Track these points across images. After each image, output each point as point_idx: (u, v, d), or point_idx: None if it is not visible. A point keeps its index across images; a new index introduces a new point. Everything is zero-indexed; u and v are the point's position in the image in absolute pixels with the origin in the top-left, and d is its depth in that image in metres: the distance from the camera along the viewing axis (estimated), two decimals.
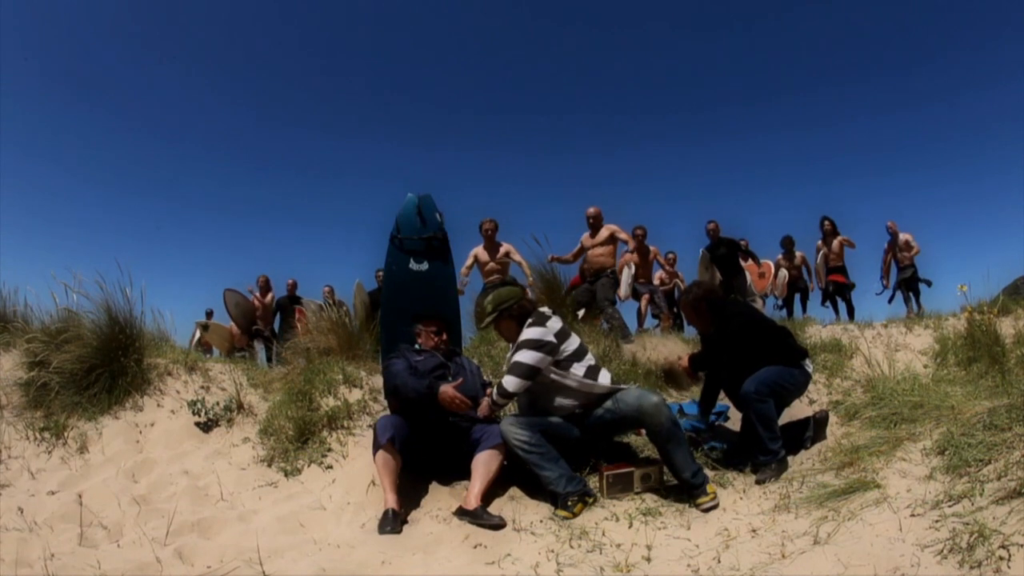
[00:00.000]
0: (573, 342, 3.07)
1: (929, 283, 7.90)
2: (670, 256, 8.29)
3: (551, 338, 2.98)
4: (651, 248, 7.54)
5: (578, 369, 3.00)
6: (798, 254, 8.52)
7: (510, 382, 2.95)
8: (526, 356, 2.94)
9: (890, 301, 8.13)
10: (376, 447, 2.94)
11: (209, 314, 9.05)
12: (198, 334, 8.49)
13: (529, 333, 3.00)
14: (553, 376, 2.99)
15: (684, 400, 4.37)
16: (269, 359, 7.44)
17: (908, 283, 7.97)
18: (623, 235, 6.26)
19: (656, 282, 7.79)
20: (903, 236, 8.13)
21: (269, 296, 8.50)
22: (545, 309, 3.20)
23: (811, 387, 4.49)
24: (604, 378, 3.05)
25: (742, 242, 8.15)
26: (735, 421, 4.09)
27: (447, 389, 3.00)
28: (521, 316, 3.14)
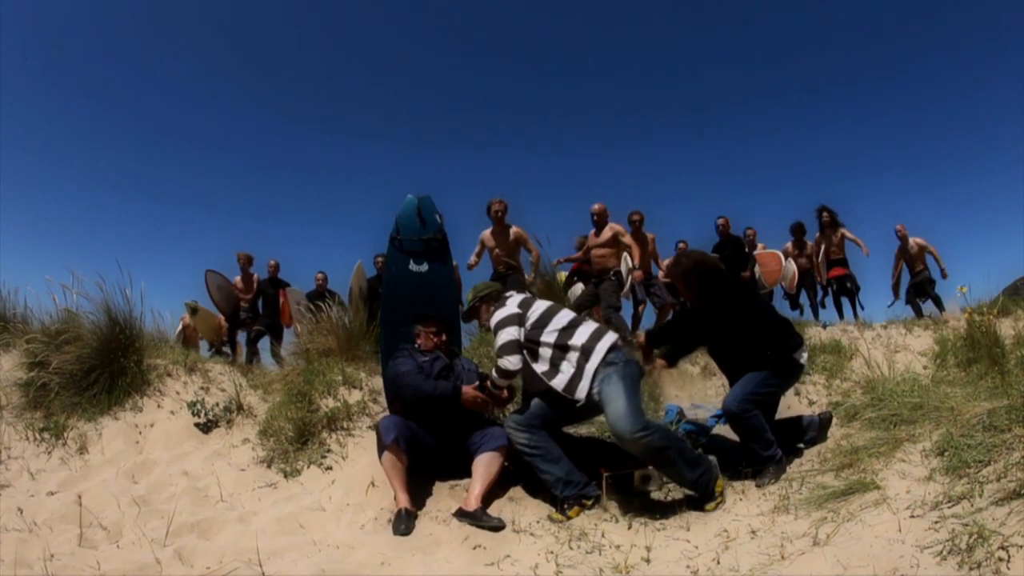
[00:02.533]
0: (539, 307, 3.10)
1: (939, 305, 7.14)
2: (681, 246, 7.70)
3: (514, 309, 3.05)
4: (648, 235, 7.11)
5: (549, 336, 2.97)
6: (808, 243, 7.57)
7: (504, 362, 2.97)
8: (502, 337, 2.98)
9: (908, 302, 7.34)
10: (381, 448, 2.94)
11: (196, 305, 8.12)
12: (180, 326, 7.70)
13: (495, 318, 3.06)
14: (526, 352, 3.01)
15: (684, 402, 4.37)
16: (251, 357, 6.94)
17: (919, 289, 7.21)
18: (626, 239, 6.15)
19: (661, 274, 7.51)
20: (914, 241, 7.28)
21: (253, 277, 7.58)
22: (508, 292, 3.24)
23: (811, 388, 4.49)
24: (580, 337, 2.95)
25: (749, 231, 7.70)
26: None
27: (468, 390, 3.09)
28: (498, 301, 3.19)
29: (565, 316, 3.08)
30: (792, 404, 4.35)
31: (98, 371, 3.98)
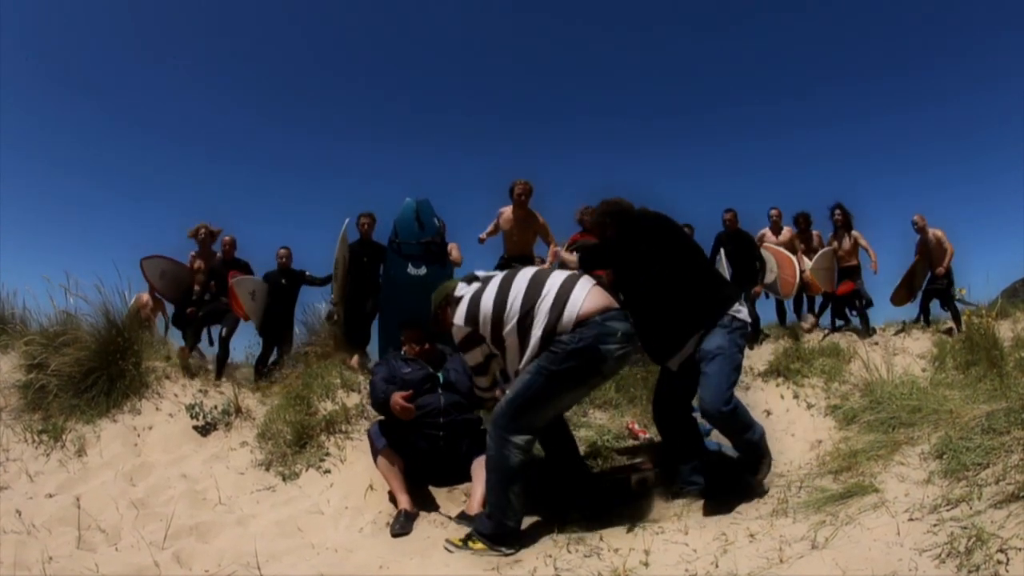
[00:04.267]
0: (489, 294, 2.61)
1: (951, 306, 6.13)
2: (686, 230, 6.89)
3: (461, 318, 2.63)
4: None
5: (515, 304, 2.53)
6: (814, 234, 6.67)
7: (477, 383, 2.90)
8: (467, 357, 2.73)
9: (918, 319, 6.46)
10: (375, 453, 2.95)
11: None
12: (134, 303, 5.67)
13: (453, 328, 2.68)
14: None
15: None
16: (223, 362, 5.24)
17: (942, 296, 6.22)
18: None
19: None
20: (934, 233, 6.33)
21: (215, 255, 6.04)
22: (459, 292, 2.76)
23: (809, 391, 4.48)
24: (541, 311, 2.47)
25: (773, 212, 6.76)
26: None
27: (395, 398, 2.98)
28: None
29: (520, 285, 2.58)
30: (791, 407, 4.35)
31: (96, 373, 3.98)
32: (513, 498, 2.48)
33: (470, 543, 2.47)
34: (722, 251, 5.90)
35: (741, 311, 2.75)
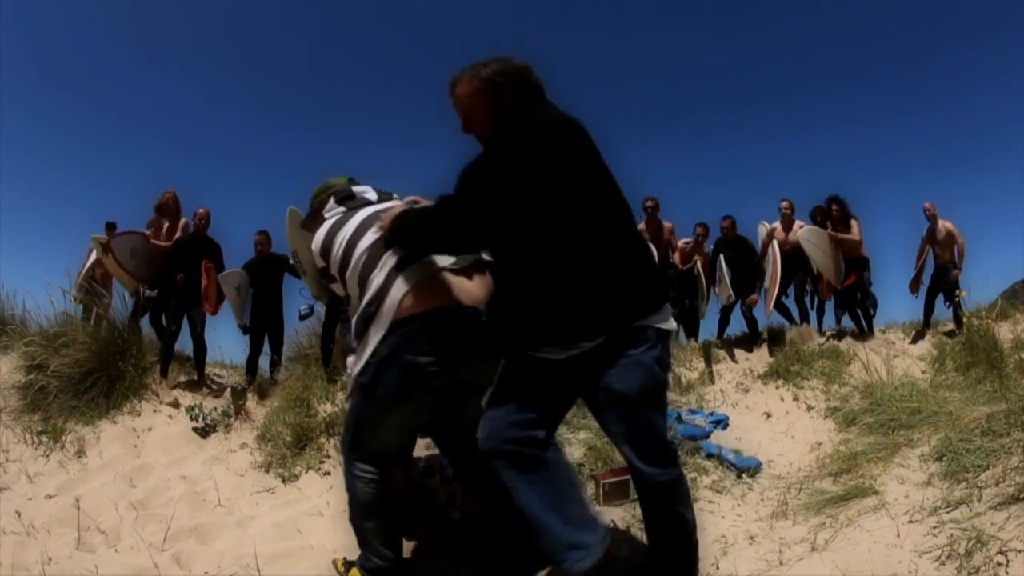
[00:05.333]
0: (344, 232, 1.99)
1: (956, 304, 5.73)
2: (699, 231, 6.38)
3: (318, 246, 2.06)
4: (666, 224, 6.28)
5: (352, 278, 1.94)
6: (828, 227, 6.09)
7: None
8: (333, 287, 2.17)
9: (926, 321, 6.05)
10: None
11: (111, 227, 5.57)
12: (89, 260, 5.51)
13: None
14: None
15: (682, 406, 4.37)
16: (201, 365, 4.80)
17: (944, 289, 5.91)
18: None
19: (676, 255, 6.43)
20: (944, 224, 5.97)
21: (179, 224, 5.05)
22: (329, 209, 2.12)
23: (809, 393, 4.47)
24: (391, 303, 1.79)
25: (784, 205, 6.30)
26: (738, 429, 4.07)
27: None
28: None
29: (363, 247, 1.93)
30: (791, 409, 4.34)
31: (96, 375, 3.98)
32: (369, 536, 2.03)
33: (351, 573, 2.12)
34: (721, 257, 5.90)
35: (671, 320, 1.70)
